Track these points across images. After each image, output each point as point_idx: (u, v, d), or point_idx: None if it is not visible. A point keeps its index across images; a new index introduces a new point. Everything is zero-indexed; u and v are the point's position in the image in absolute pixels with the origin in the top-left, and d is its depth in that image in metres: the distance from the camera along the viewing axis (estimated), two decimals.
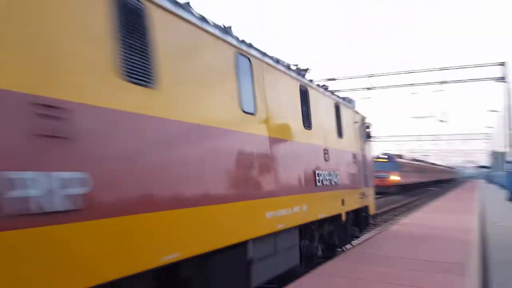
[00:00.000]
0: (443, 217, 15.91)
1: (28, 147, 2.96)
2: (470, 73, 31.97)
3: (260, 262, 6.04)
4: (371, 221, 12.99)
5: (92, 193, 3.36)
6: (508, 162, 31.53)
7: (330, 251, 9.59)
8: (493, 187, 55.53)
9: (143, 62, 4.08)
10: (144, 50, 4.12)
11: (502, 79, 30.58)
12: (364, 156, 12.04)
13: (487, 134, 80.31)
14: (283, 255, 6.83)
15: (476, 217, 15.77)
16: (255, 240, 5.85)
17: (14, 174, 2.83)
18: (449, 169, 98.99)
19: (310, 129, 8.01)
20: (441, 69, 32.92)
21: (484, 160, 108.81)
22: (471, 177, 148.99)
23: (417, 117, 37.38)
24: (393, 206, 26.83)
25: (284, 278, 7.02)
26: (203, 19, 5.26)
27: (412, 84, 33.74)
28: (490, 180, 77.14)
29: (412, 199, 34.94)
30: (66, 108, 3.24)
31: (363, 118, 12.43)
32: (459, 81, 32.36)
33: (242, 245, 5.58)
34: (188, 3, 5.06)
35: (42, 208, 2.98)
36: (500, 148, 47.57)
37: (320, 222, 8.71)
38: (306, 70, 8.61)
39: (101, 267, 3.43)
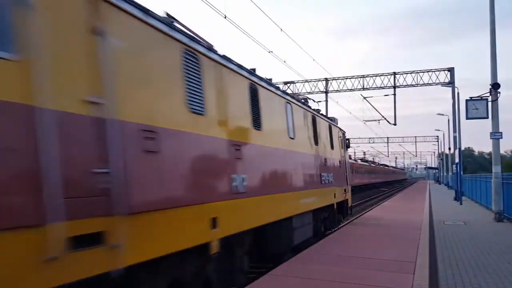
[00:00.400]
0: (394, 216, 16.44)
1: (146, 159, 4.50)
2: (420, 78, 33.22)
3: (297, 230, 9.55)
4: (349, 212, 16.43)
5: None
6: (455, 163, 32.99)
7: (327, 230, 13.25)
8: (441, 187, 58.03)
9: (199, 99, 5.68)
10: (200, 91, 5.73)
11: (449, 83, 31.99)
12: (345, 161, 15.72)
13: (435, 137, 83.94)
14: (305, 228, 10.35)
15: (425, 216, 16.40)
16: (295, 216, 9.34)
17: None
18: (400, 170, 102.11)
19: (317, 145, 11.68)
20: (392, 73, 34.03)
21: (433, 161, 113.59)
22: (421, 178, 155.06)
23: (369, 120, 38.41)
24: None
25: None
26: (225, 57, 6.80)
27: (365, 88, 34.70)
28: (438, 180, 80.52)
29: (363, 200, 35.88)
30: (156, 130, 4.64)
31: (344, 133, 16.25)
32: (409, 85, 33.61)
33: (290, 218, 9.07)
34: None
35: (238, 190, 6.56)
36: (447, 150, 49.82)
37: (322, 209, 12.04)
38: (333, 118, 14.69)
39: (255, 218, 7.22)
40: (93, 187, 3.70)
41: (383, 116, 36.00)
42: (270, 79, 9.63)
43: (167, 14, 5.46)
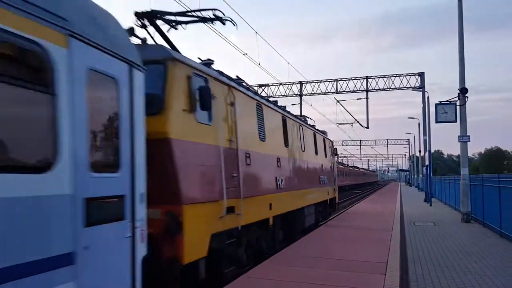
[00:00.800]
0: (366, 218, 16.69)
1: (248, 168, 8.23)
2: (391, 82, 33.86)
3: (307, 217, 13.32)
4: (337, 207, 20.42)
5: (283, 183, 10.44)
6: (425, 166, 33.76)
7: (322, 220, 16.78)
8: (412, 189, 59.26)
9: (263, 131, 9.36)
10: (262, 127, 9.40)
11: (420, 88, 32.74)
12: (333, 167, 19.28)
13: (406, 140, 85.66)
14: (311, 216, 14.12)
15: (396, 218, 16.71)
16: (305, 207, 12.99)
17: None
18: (371, 172, 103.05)
19: (317, 155, 15.37)
20: (365, 77, 34.58)
21: (404, 164, 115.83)
22: (393, 180, 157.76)
23: (342, 123, 38.92)
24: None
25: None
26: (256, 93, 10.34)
27: (338, 92, 35.12)
28: (409, 182, 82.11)
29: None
30: (250, 153, 8.31)
31: (332, 143, 20.27)
32: (381, 89, 34.24)
33: (303, 208, 12.64)
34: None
35: (280, 187, 10.26)
36: (418, 153, 50.94)
37: (320, 203, 15.73)
38: (324, 131, 18.48)
39: (288, 205, 10.94)
40: (232, 183, 7.36)
41: (355, 119, 36.57)
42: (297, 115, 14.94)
43: (237, 77, 9.15)
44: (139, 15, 6.89)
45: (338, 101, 35.12)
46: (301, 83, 36.32)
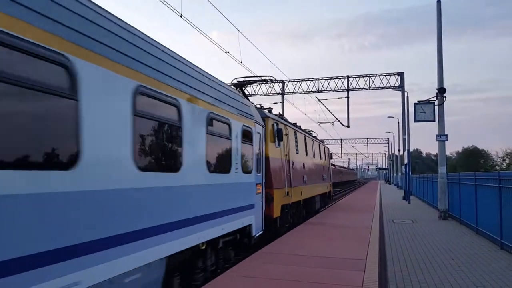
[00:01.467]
0: (346, 216, 16.87)
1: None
2: (372, 82, 34.25)
3: (316, 203, 20.07)
4: (332, 198, 27.78)
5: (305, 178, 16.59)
6: (404, 164, 34.25)
7: (322, 207, 22.58)
8: (391, 187, 60.07)
9: (298, 147, 16.06)
10: (297, 145, 15.91)
11: (399, 87, 33.19)
12: (330, 167, 25.92)
13: (386, 139, 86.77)
14: (318, 203, 20.82)
15: (375, 216, 16.94)
16: (315, 196, 19.47)
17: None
18: (349, 171, 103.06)
19: (320, 159, 21.51)
20: (346, 77, 34.88)
21: (384, 162, 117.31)
22: (373, 178, 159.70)
23: (323, 122, 39.15)
24: None
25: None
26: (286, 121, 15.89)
27: (319, 91, 35.35)
28: (388, 181, 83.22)
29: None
30: (293, 161, 14.83)
31: (328, 149, 26.43)
32: (362, 88, 34.61)
33: (314, 196, 19.20)
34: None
35: (305, 181, 16.86)
36: (397, 152, 51.66)
37: (322, 194, 22.05)
38: (322, 140, 25.74)
39: (309, 194, 17.48)
40: (287, 179, 13.60)
41: (336, 118, 36.82)
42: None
43: (281, 115, 15.21)
44: (237, 85, 12.71)
45: (319, 100, 35.34)
46: (283, 81, 36.44)
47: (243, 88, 12.92)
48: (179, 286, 6.72)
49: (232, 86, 11.88)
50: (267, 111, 12.61)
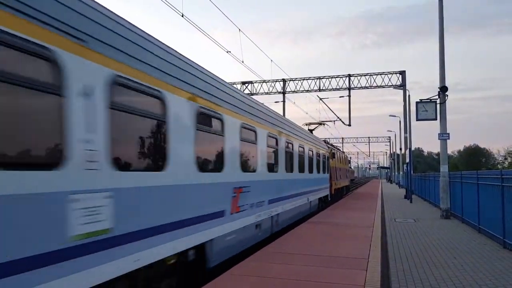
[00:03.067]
0: (348, 215, 16.84)
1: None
2: (373, 80, 34.19)
3: (343, 189, 35.06)
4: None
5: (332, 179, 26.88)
6: (405, 163, 34.20)
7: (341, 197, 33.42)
8: (392, 186, 59.98)
9: (336, 160, 29.76)
10: (336, 158, 29.50)
11: (401, 86, 33.13)
12: (348, 169, 40.13)
13: (388, 138, 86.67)
14: (344, 190, 35.77)
15: (377, 215, 16.91)
16: (343, 186, 34.91)
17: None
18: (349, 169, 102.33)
19: (345, 165, 37.99)
20: (347, 75, 34.82)
21: (385, 161, 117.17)
22: (374, 177, 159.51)
23: (325, 121, 39.10)
24: None
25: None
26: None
27: (321, 90, 35.31)
28: (390, 179, 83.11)
29: None
30: (335, 167, 29.30)
31: (349, 157, 47.15)
32: (363, 87, 34.56)
33: (343, 187, 34.78)
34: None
35: (337, 179, 30.14)
36: (399, 150, 51.58)
37: (346, 186, 37.71)
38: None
39: (339, 186, 30.90)
40: (335, 176, 28.19)
41: (338, 117, 36.78)
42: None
43: (310, 130, 26.13)
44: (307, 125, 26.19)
45: (320, 99, 35.34)
46: (284, 80, 36.41)
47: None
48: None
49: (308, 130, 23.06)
50: (326, 142, 26.94)
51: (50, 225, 3.90)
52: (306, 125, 26.89)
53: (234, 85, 36.84)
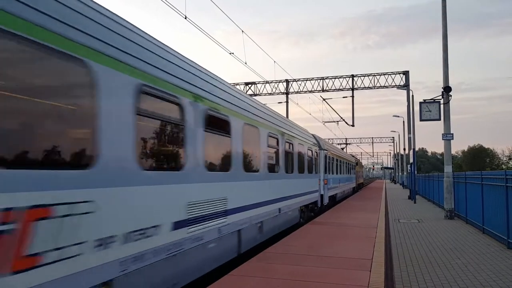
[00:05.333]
0: (352, 215, 16.84)
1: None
2: (377, 81, 34.13)
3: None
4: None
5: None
6: (409, 164, 34.10)
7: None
8: (396, 187, 59.85)
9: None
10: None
11: (404, 86, 33.06)
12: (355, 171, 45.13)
13: (391, 138, 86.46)
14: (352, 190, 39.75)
15: (381, 215, 16.89)
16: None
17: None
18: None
19: (360, 168, 56.79)
20: (350, 76, 34.78)
21: (389, 162, 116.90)
22: (378, 178, 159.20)
23: (328, 122, 39.15)
24: None
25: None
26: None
27: (324, 90, 35.28)
28: (394, 180, 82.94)
29: None
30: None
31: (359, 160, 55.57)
32: (367, 87, 34.52)
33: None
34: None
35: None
36: (402, 151, 51.45)
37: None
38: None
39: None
40: (358, 176, 46.44)
41: (341, 118, 36.83)
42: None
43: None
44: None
45: (324, 99, 35.33)
46: (287, 81, 36.41)
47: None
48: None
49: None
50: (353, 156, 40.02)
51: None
52: (339, 144, 31.64)
53: (237, 86, 37.42)
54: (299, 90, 36.18)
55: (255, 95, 36.59)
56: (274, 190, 11.54)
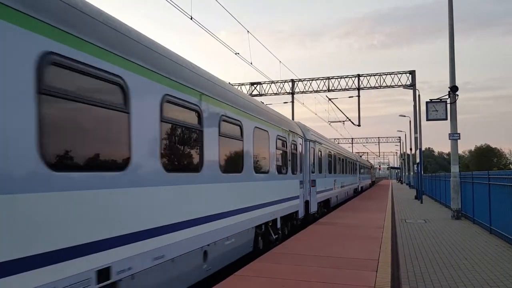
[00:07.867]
0: (358, 215, 16.78)
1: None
2: (383, 80, 34.02)
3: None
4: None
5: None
6: (416, 163, 33.96)
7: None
8: (403, 187, 59.61)
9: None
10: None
11: (411, 86, 32.92)
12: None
13: (398, 138, 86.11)
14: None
15: (388, 215, 16.83)
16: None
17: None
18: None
19: (371, 169, 69.10)
20: (356, 76, 34.69)
21: (395, 161, 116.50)
22: (384, 178, 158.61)
23: (334, 121, 39.05)
24: None
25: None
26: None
27: (330, 90, 35.22)
28: (400, 180, 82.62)
29: None
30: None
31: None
32: (373, 87, 34.41)
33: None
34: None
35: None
36: (409, 151, 51.23)
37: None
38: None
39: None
40: (372, 176, 64.79)
41: (347, 117, 36.70)
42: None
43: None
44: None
45: (330, 99, 35.22)
46: (293, 81, 36.39)
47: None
48: None
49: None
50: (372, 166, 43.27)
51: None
52: (358, 153, 33.25)
53: (243, 87, 37.45)
54: (304, 90, 36.15)
55: (261, 95, 36.58)
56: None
